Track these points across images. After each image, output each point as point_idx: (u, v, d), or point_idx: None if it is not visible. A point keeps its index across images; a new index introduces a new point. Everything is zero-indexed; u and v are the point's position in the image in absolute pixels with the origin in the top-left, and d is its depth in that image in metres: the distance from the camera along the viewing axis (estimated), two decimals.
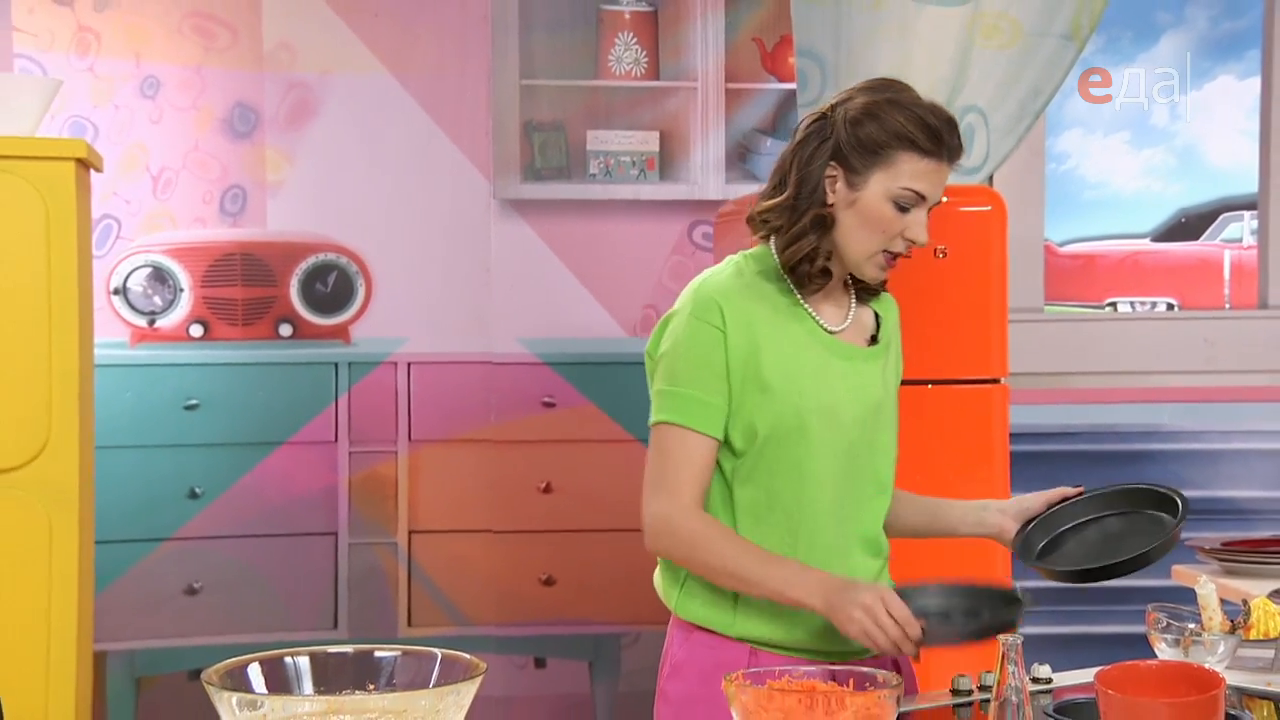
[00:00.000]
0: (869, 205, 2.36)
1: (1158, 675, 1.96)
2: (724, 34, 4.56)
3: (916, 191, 2.35)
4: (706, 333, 2.37)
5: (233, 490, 4.38)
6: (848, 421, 2.41)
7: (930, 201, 2.38)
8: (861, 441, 2.44)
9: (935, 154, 2.35)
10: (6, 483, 3.19)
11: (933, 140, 2.35)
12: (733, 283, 2.41)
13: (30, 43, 4.26)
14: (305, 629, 4.39)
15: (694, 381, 2.37)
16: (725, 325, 2.36)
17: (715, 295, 2.39)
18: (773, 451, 2.39)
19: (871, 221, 2.36)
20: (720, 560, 2.36)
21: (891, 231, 2.37)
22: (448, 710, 1.75)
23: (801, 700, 2.01)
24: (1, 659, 2.62)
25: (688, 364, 2.38)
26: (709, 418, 2.37)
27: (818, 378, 2.40)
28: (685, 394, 2.37)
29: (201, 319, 4.37)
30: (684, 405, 2.37)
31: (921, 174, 2.35)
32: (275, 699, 1.80)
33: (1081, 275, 6.04)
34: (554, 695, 4.56)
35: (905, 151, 2.35)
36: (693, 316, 2.38)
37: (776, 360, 2.38)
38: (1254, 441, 4.80)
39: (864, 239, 2.38)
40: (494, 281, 4.50)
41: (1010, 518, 2.53)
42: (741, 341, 2.37)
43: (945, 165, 2.38)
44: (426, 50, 4.46)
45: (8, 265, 3.20)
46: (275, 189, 4.40)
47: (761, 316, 2.39)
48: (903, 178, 2.35)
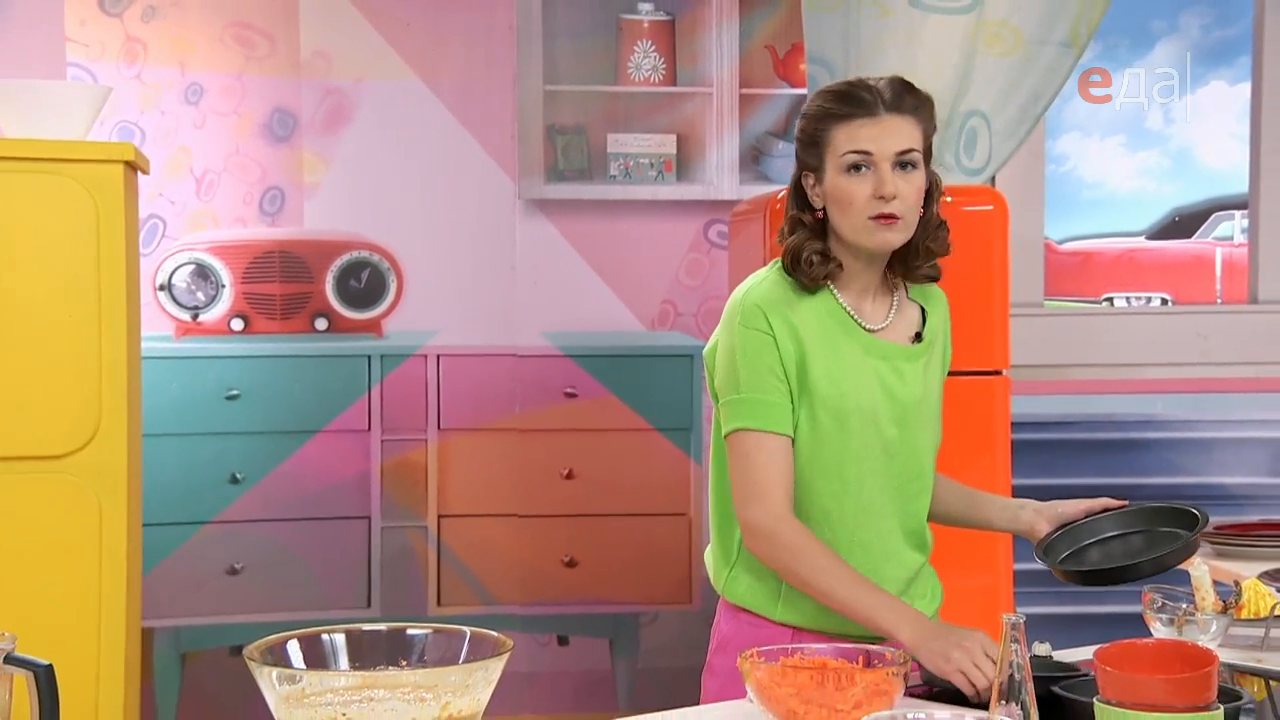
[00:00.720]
0: (832, 186, 2.38)
1: (1153, 653, 1.96)
2: (738, 42, 4.55)
3: (858, 151, 2.35)
4: (758, 339, 2.37)
5: (271, 476, 4.39)
6: (885, 421, 2.40)
7: (883, 155, 2.35)
8: (901, 440, 2.42)
9: (860, 113, 2.36)
10: (59, 468, 3.20)
11: (855, 103, 2.37)
12: (771, 291, 2.42)
13: (82, 52, 4.27)
14: (340, 608, 4.40)
15: (756, 386, 2.37)
16: (773, 330, 2.37)
17: (760, 303, 2.39)
18: (814, 450, 2.39)
19: (840, 198, 2.37)
20: (816, 577, 2.34)
21: (859, 198, 2.36)
22: (476, 685, 1.75)
23: (813, 676, 2.01)
24: (56, 634, 2.63)
25: (748, 371, 2.38)
26: (778, 417, 2.37)
27: (857, 379, 2.39)
28: (752, 399, 2.37)
29: (242, 313, 4.38)
30: (753, 409, 2.37)
31: (855, 135, 2.36)
32: (313, 674, 1.80)
33: (1080, 272, 6.03)
34: (576, 671, 4.56)
35: (832, 126, 2.37)
36: (742, 326, 2.39)
37: (819, 362, 2.37)
38: (1245, 430, 4.78)
39: (845, 216, 2.38)
40: (519, 278, 4.50)
41: (1044, 519, 2.51)
42: (789, 344, 2.37)
43: (886, 116, 2.36)
44: (455, 58, 4.46)
45: (60, 262, 3.21)
46: (312, 190, 4.41)
47: (803, 320, 2.39)
48: (840, 146, 2.36)
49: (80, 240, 3.22)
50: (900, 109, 2.37)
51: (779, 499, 2.36)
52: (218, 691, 4.32)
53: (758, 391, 2.37)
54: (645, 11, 4.55)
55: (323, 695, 1.74)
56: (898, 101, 2.37)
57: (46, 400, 3.20)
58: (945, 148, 3.94)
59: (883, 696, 1.98)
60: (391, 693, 1.73)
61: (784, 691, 2.00)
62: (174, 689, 4.34)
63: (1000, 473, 3.73)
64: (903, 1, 3.86)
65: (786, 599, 2.41)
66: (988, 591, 3.66)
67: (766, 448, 2.36)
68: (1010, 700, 1.77)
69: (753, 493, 2.37)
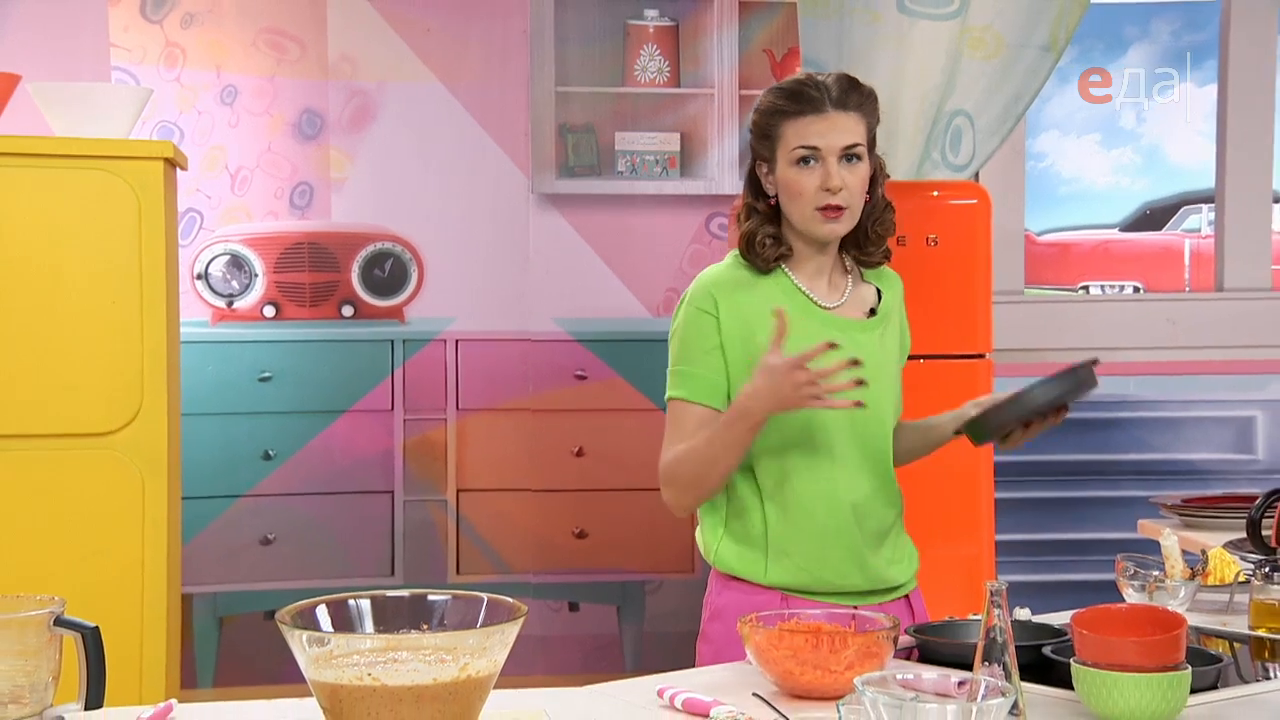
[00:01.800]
0: (783, 178, 2.41)
1: (1126, 617, 1.96)
2: (738, 46, 4.54)
3: (807, 146, 2.38)
4: (700, 318, 2.42)
5: (302, 453, 4.39)
6: (847, 392, 2.40)
7: (830, 150, 2.37)
8: (868, 400, 2.40)
9: (808, 110, 2.38)
10: (104, 445, 3.21)
11: (803, 100, 2.38)
12: (727, 273, 2.46)
13: (125, 56, 4.26)
14: (366, 575, 4.40)
15: (691, 359, 2.42)
16: (717, 310, 2.41)
17: (710, 286, 2.44)
18: (784, 422, 2.39)
19: (790, 188, 2.40)
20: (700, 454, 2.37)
21: (809, 189, 2.38)
22: (493, 648, 1.75)
23: (808, 639, 2.01)
24: (102, 599, 2.64)
25: (687, 346, 2.43)
26: (708, 390, 2.41)
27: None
28: (687, 371, 2.43)
29: (274, 301, 4.37)
30: (684, 380, 2.43)
31: (804, 130, 2.38)
32: (340, 636, 1.80)
33: (1057, 261, 6.01)
34: (586, 635, 4.57)
35: (783, 122, 2.39)
36: (690, 305, 2.45)
37: (771, 335, 2.37)
38: (1211, 410, 4.78)
39: (795, 205, 2.41)
40: (532, 267, 4.49)
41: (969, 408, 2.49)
42: (733, 322, 2.41)
43: (833, 113, 2.38)
44: (473, 61, 4.45)
45: (104, 253, 3.21)
46: (339, 185, 4.40)
47: (754, 299, 2.42)
48: (790, 141, 2.39)
49: (123, 232, 3.22)
50: (845, 105, 2.39)
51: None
52: (252, 653, 4.33)
53: (692, 365, 2.42)
54: (651, 17, 4.54)
55: (349, 656, 1.74)
56: (843, 99, 2.39)
57: (92, 382, 3.20)
58: (932, 145, 3.93)
59: (873, 658, 1.99)
60: (413, 654, 1.73)
61: (781, 654, 2.00)
62: (212, 650, 4.35)
63: (984, 449, 3.73)
64: (892, 8, 3.85)
65: (774, 563, 2.42)
66: (971, 561, 3.66)
67: (693, 415, 2.41)
68: (992, 661, 1.77)
69: (664, 452, 2.43)
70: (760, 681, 2.05)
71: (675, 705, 1.97)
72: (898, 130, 3.90)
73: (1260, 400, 4.78)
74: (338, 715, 1.74)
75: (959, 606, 2.46)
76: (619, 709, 2.00)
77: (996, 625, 1.77)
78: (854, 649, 1.99)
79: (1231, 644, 2.34)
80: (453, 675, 1.72)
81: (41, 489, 3.17)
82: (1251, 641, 2.37)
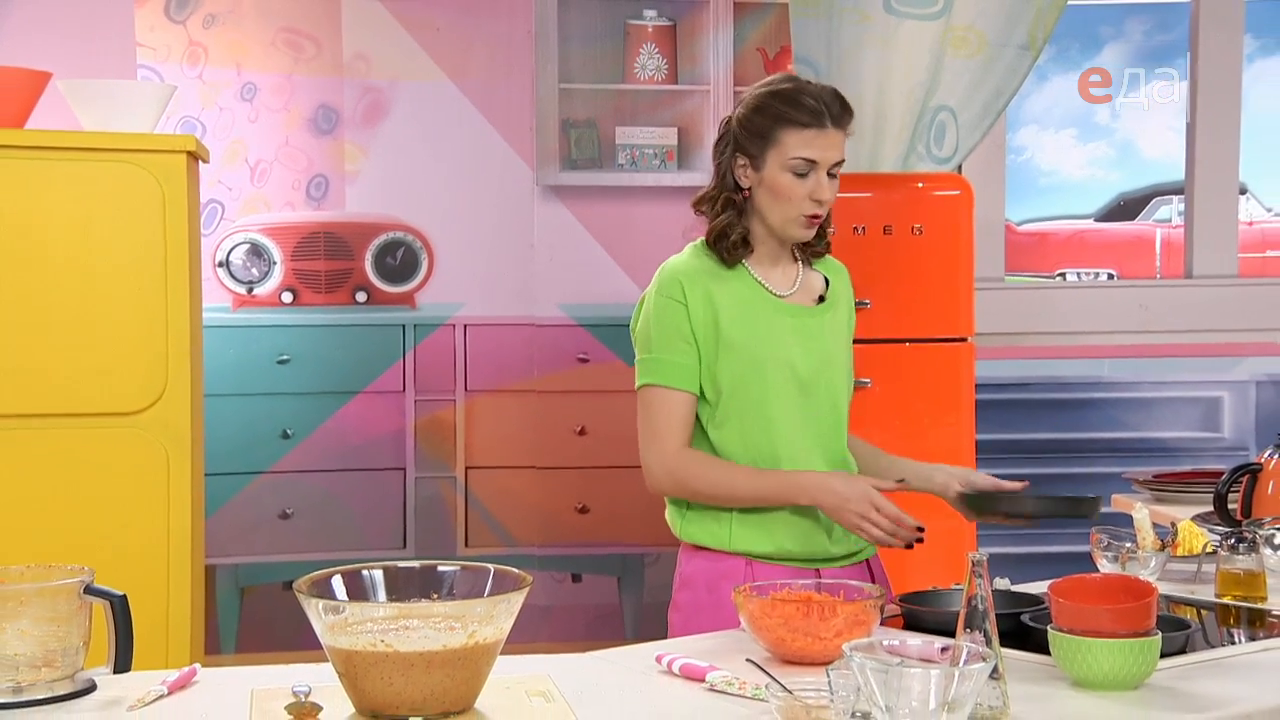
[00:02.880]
0: (772, 181, 2.38)
1: (1100, 586, 1.96)
2: (732, 45, 4.53)
3: (805, 159, 2.36)
4: (671, 306, 2.40)
5: (318, 432, 4.39)
6: (801, 368, 2.42)
7: (825, 164, 2.37)
8: (816, 384, 2.43)
9: (815, 124, 2.36)
10: (130, 424, 3.20)
11: (810, 114, 2.36)
12: (691, 263, 2.45)
13: (150, 55, 4.25)
14: (379, 548, 4.40)
15: (665, 347, 2.40)
16: (686, 298, 2.40)
17: (677, 274, 2.43)
18: (739, 398, 2.40)
19: (778, 192, 2.38)
20: (712, 487, 2.39)
21: (798, 196, 2.37)
22: (499, 616, 1.75)
23: (799, 608, 2.01)
24: (129, 570, 2.64)
25: (659, 333, 2.41)
26: (682, 376, 2.40)
27: (770, 333, 2.41)
28: (659, 359, 2.41)
29: (291, 287, 4.37)
30: (660, 368, 2.40)
31: (807, 143, 2.36)
32: (354, 605, 1.80)
33: (1036, 250, 6.02)
34: (588, 605, 4.57)
35: (786, 129, 2.36)
36: (658, 294, 2.43)
37: (733, 322, 2.39)
38: (1180, 391, 4.78)
39: (778, 208, 2.39)
40: (537, 255, 4.49)
41: (956, 480, 2.49)
42: (701, 310, 2.39)
43: (831, 130, 2.37)
44: (480, 60, 4.44)
45: (130, 241, 3.20)
46: (353, 178, 4.40)
47: (717, 288, 2.41)
48: (791, 149, 2.36)
49: (148, 222, 3.21)
50: (840, 124, 2.39)
51: (674, 441, 2.39)
52: (272, 621, 4.33)
53: (664, 352, 2.40)
54: (649, 17, 4.53)
55: (363, 624, 1.74)
56: (839, 118, 2.39)
57: (119, 364, 3.20)
58: (917, 139, 3.93)
59: (861, 626, 1.99)
60: (424, 622, 1.74)
61: (773, 621, 2.00)
62: (234, 619, 4.35)
63: (965, 428, 3.73)
64: (879, 8, 3.84)
65: (737, 531, 2.41)
66: (953, 534, 3.65)
67: (669, 401, 2.40)
68: (974, 628, 1.77)
69: (653, 439, 2.41)
70: (754, 648, 2.05)
71: (673, 671, 1.97)
72: (885, 125, 3.90)
73: (1227, 381, 4.78)
74: (352, 680, 1.74)
75: (942, 576, 2.47)
76: (619, 674, 2.00)
77: (978, 594, 1.78)
78: (843, 617, 1.99)
79: (1199, 611, 2.34)
80: (461, 642, 1.72)
81: (72, 465, 3.17)
82: (1217, 609, 2.38)
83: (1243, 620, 2.32)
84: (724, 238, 2.42)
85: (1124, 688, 1.85)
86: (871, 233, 3.72)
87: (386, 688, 1.71)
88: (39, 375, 3.16)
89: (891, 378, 3.72)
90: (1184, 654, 2.02)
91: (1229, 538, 2.46)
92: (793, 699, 1.71)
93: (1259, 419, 4.76)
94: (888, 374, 3.72)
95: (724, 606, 2.31)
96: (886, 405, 3.71)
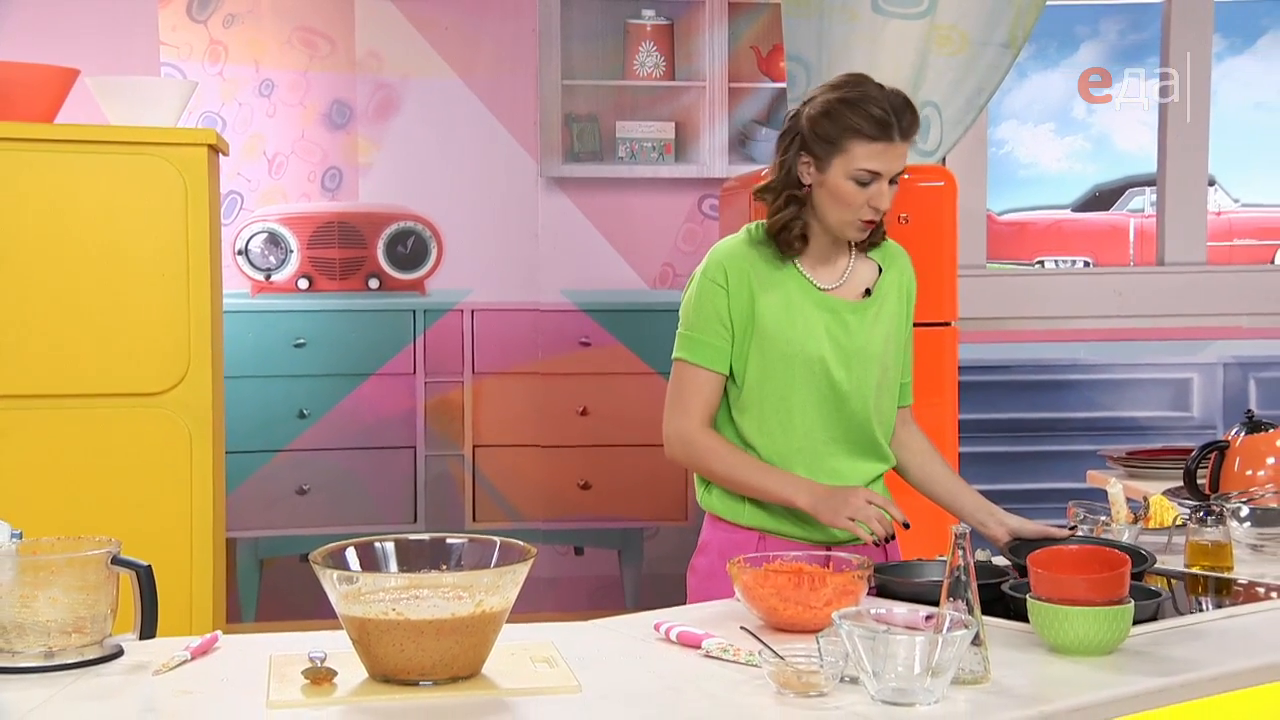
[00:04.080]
0: (835, 185, 2.33)
1: (1077, 557, 1.97)
2: (727, 43, 4.52)
3: (871, 170, 2.31)
4: (712, 289, 2.38)
5: (333, 412, 4.39)
6: (834, 365, 2.38)
7: (888, 175, 2.32)
8: (849, 381, 2.39)
9: (883, 138, 2.30)
10: (154, 404, 3.20)
11: (879, 128, 2.30)
12: (740, 248, 2.41)
13: (173, 53, 4.24)
14: (391, 522, 4.41)
15: (702, 328, 2.39)
16: (728, 283, 2.37)
17: (723, 259, 2.40)
18: (762, 388, 2.38)
19: (839, 197, 2.33)
20: (724, 469, 2.39)
21: (857, 203, 2.33)
22: (505, 586, 1.75)
23: (790, 578, 2.02)
24: (154, 542, 2.63)
25: (698, 314, 2.40)
26: (713, 356, 2.38)
27: (806, 329, 2.37)
28: (695, 337, 2.39)
29: (307, 274, 4.36)
30: (694, 346, 2.39)
31: (873, 156, 2.31)
32: (367, 575, 1.81)
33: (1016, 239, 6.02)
34: (590, 577, 4.58)
35: (856, 140, 2.31)
36: (704, 276, 2.40)
37: (769, 312, 2.37)
38: (1153, 372, 4.78)
39: (837, 211, 2.35)
40: (540, 244, 4.48)
41: (1005, 532, 2.40)
42: (741, 295, 2.37)
43: (898, 143, 2.32)
44: (486, 57, 4.43)
45: (154, 231, 3.20)
46: (365, 170, 4.39)
47: (760, 275, 2.38)
48: (857, 161, 2.31)
49: (171, 212, 3.20)
50: (907, 137, 2.33)
51: (697, 416, 2.38)
52: (290, 591, 4.34)
53: (700, 332, 2.39)
54: (648, 17, 4.52)
55: (376, 594, 1.74)
56: (908, 131, 2.33)
57: (144, 347, 3.19)
58: None
59: (849, 595, 1.99)
60: (434, 592, 1.74)
61: (766, 591, 2.00)
62: (254, 589, 4.36)
63: (950, 408, 3.73)
64: (867, 8, 3.83)
65: (752, 507, 2.41)
66: (937, 509, 3.65)
67: (697, 378, 2.39)
68: (957, 597, 1.77)
69: (678, 410, 2.40)
70: (747, 616, 2.05)
71: (670, 638, 1.97)
72: None
73: (1196, 364, 4.78)
74: (366, 646, 1.74)
75: (927, 549, 2.46)
76: (619, 641, 2.00)
77: (961, 565, 1.78)
78: (832, 587, 1.99)
79: (1169, 580, 2.34)
80: (469, 610, 1.72)
81: (100, 443, 3.17)
82: (1187, 578, 2.38)
83: (1210, 589, 2.33)
84: (786, 231, 2.37)
85: (1099, 653, 1.85)
86: None
87: (398, 654, 1.71)
88: (68, 358, 3.16)
89: None
90: (1155, 621, 2.02)
91: (1198, 511, 2.46)
92: (784, 664, 1.72)
93: (1226, 399, 4.76)
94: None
95: None
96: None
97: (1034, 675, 1.79)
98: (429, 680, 1.72)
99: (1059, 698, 1.69)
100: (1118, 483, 2.61)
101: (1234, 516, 2.60)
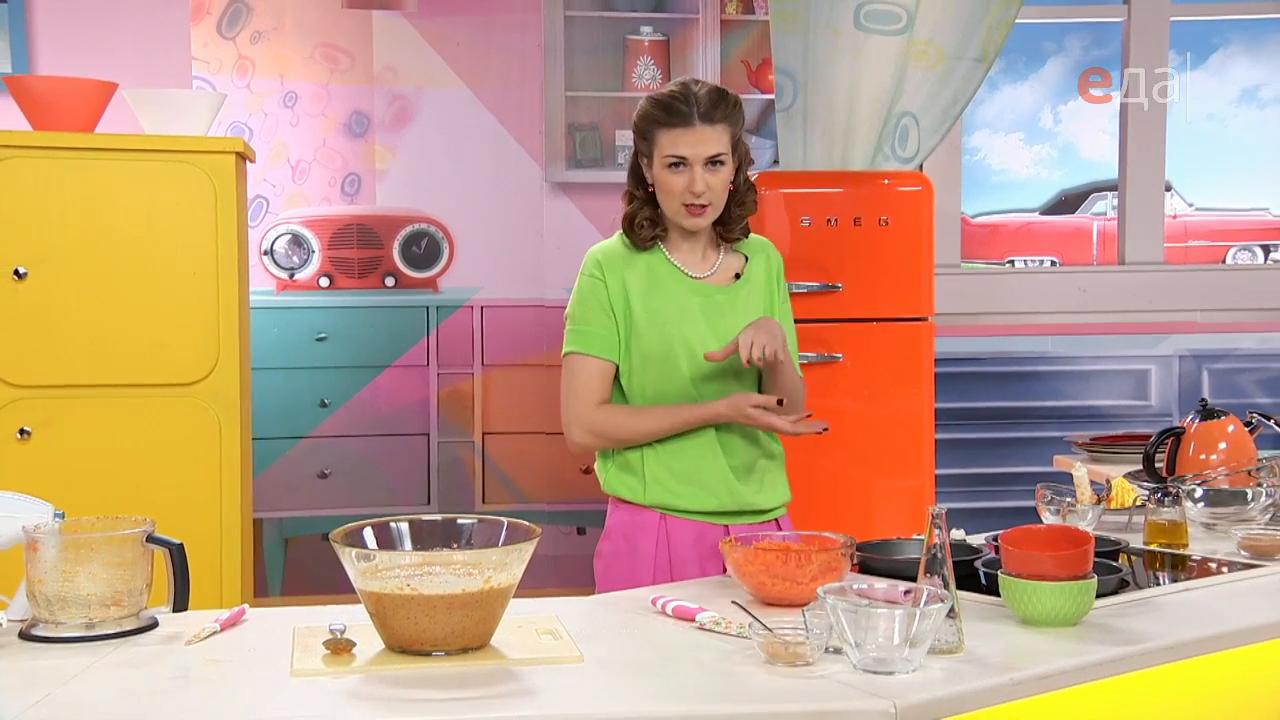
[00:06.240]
0: (657, 176, 2.35)
1: (1044, 536, 1.97)
2: (719, 57, 4.51)
3: (677, 155, 2.31)
4: (591, 284, 2.38)
5: (352, 401, 4.39)
6: (712, 345, 2.35)
7: (695, 159, 2.30)
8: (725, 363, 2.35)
9: (680, 123, 2.30)
10: (187, 394, 3.20)
11: (674, 115, 2.30)
12: (612, 247, 2.42)
13: (204, 67, 4.23)
14: (406, 504, 4.41)
15: (587, 319, 2.37)
16: (604, 275, 2.37)
17: (597, 255, 2.41)
18: (648, 372, 2.37)
19: (662, 186, 2.34)
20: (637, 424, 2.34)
21: (676, 189, 2.32)
22: (512, 564, 1.75)
23: (778, 556, 2.01)
24: (186, 522, 2.64)
25: (582, 307, 2.38)
26: (602, 345, 2.36)
27: (680, 315, 2.36)
28: (582, 329, 2.38)
29: (328, 273, 4.36)
30: (582, 338, 2.37)
31: (675, 141, 2.30)
32: (383, 553, 1.80)
33: (988, 240, 6.01)
34: (591, 555, 4.55)
35: (657, 129, 2.32)
36: (582, 274, 2.41)
37: (643, 300, 2.36)
38: (1115, 364, 4.78)
39: (666, 200, 2.35)
40: (545, 245, 4.47)
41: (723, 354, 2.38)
42: (617, 288, 2.36)
43: (698, 127, 2.30)
44: (495, 71, 4.42)
45: (185, 233, 3.20)
46: (382, 176, 4.38)
47: (634, 269, 2.38)
48: (664, 148, 2.32)
49: (202, 215, 3.20)
50: (711, 119, 2.30)
51: (591, 402, 2.36)
52: (313, 567, 4.34)
53: (587, 324, 2.37)
54: (646, 33, 4.51)
55: (391, 570, 1.74)
56: (710, 113, 2.30)
57: (176, 340, 3.19)
58: (884, 141, 3.91)
59: (833, 572, 1.99)
60: (445, 569, 1.73)
61: (755, 568, 2.00)
62: (279, 566, 4.35)
63: (926, 398, 3.73)
64: (850, 25, 3.82)
65: (650, 486, 2.37)
66: (915, 491, 3.66)
67: (587, 366, 2.37)
68: (933, 573, 1.77)
69: (574, 399, 2.37)
70: (739, 592, 2.05)
71: (666, 612, 1.97)
72: (854, 128, 3.88)
73: (1154, 356, 4.78)
74: (382, 619, 1.74)
75: (905, 528, 2.46)
76: (619, 615, 2.00)
77: (937, 543, 1.78)
78: (817, 564, 1.99)
79: (1129, 556, 2.34)
80: (479, 586, 1.72)
81: (136, 430, 3.17)
82: (1145, 555, 2.38)
83: (1167, 565, 2.33)
84: (631, 223, 2.39)
85: (1064, 624, 1.85)
86: (843, 224, 3.71)
87: (412, 626, 1.71)
88: (107, 350, 3.16)
89: (860, 353, 3.72)
90: (1116, 595, 2.02)
91: (1155, 493, 2.47)
92: (773, 636, 1.72)
93: (1181, 389, 4.76)
94: (857, 350, 3.72)
95: (640, 557, 2.30)
96: (856, 378, 3.71)
97: (1004, 645, 1.79)
98: (441, 651, 1.72)
99: (1027, 666, 1.69)
100: (1082, 466, 2.61)
101: (1189, 497, 2.60)
